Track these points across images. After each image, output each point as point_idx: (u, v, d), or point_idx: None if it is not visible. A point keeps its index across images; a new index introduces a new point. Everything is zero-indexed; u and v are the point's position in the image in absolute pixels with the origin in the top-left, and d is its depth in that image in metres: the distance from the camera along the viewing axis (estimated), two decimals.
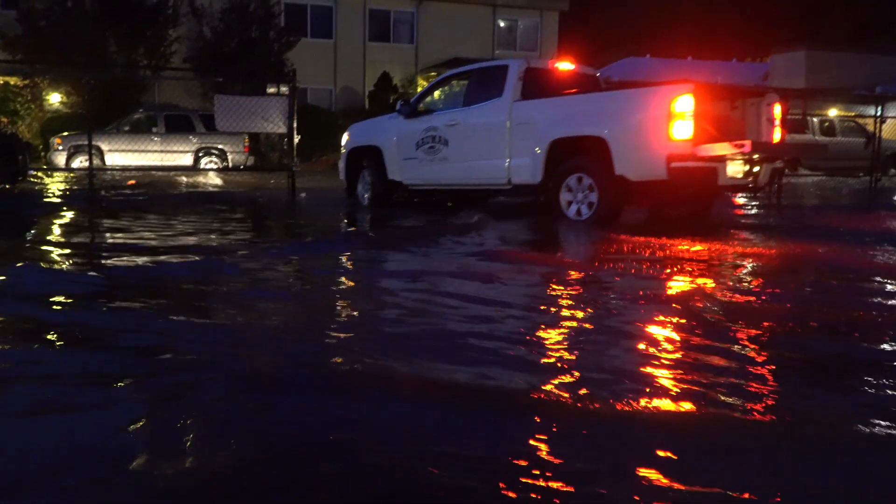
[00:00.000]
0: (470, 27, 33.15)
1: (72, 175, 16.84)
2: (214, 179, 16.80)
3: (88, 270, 5.20)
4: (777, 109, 8.44)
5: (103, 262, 5.67)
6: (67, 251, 6.30)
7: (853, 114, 26.66)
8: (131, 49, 24.53)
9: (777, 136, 8.49)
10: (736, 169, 7.88)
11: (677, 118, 7.42)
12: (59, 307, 3.95)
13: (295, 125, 12.16)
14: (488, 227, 7.98)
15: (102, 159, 18.06)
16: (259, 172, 17.92)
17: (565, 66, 9.78)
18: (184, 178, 16.71)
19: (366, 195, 10.90)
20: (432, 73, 30.58)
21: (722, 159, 7.64)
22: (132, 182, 15.20)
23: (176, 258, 5.69)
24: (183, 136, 18.99)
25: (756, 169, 8.05)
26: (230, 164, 19.24)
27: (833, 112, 27.73)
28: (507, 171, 8.96)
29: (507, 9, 34.79)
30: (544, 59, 9.93)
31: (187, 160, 19.00)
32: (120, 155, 18.27)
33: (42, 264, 5.32)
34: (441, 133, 9.68)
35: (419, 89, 30.33)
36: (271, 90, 16.91)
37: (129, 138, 18.03)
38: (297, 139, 12.59)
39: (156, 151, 18.48)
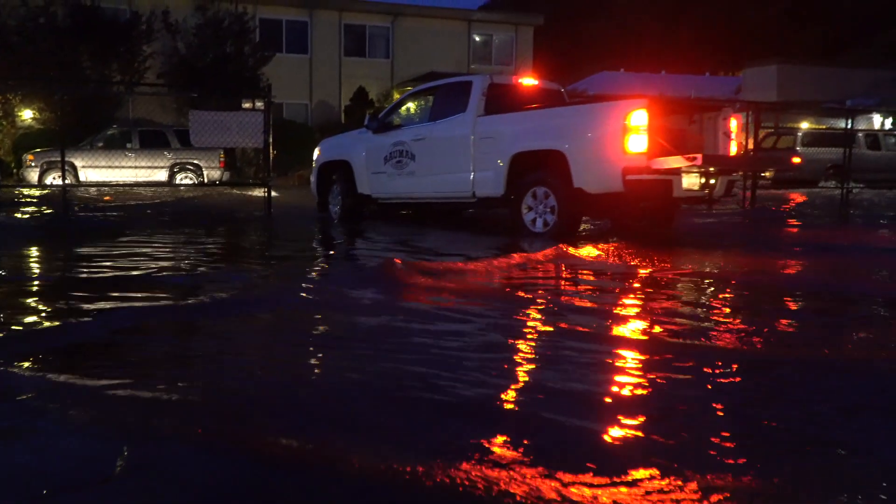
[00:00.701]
0: (445, 42, 33.29)
1: (45, 192, 16.66)
2: (190, 195, 16.69)
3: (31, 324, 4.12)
4: (733, 123, 8.69)
5: (51, 309, 4.62)
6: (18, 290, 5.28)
7: (824, 126, 27.03)
8: (105, 65, 24.38)
9: (733, 148, 8.79)
10: (692, 181, 8.08)
11: (632, 132, 7.62)
12: None
13: (270, 140, 12.12)
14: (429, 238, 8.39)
15: (76, 176, 17.93)
16: (235, 188, 17.84)
17: (529, 81, 9.99)
18: (159, 194, 16.58)
19: (336, 209, 11.14)
20: (408, 88, 30.64)
21: (677, 172, 7.83)
22: (108, 198, 15.06)
23: (141, 300, 4.78)
24: (157, 152, 18.88)
25: (712, 181, 8.26)
26: (206, 180, 19.15)
27: (805, 125, 28.11)
28: (471, 185, 9.12)
29: (482, 24, 35.00)
30: (508, 75, 10.20)
31: (162, 176, 18.88)
32: (94, 171, 18.13)
33: None
34: (408, 147, 9.87)
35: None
36: (246, 105, 16.86)
37: (103, 154, 17.89)
38: (272, 154, 12.54)
39: (130, 167, 18.37)
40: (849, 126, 15.23)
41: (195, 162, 19.27)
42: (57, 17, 24.09)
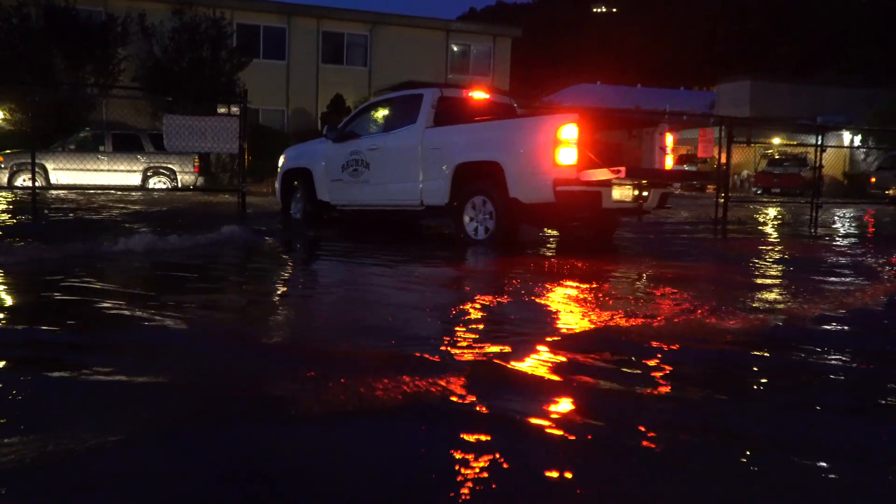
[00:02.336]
0: (423, 51, 33.35)
1: (12, 195, 16.43)
2: (163, 200, 16.54)
3: None
4: (669, 138, 9.06)
5: None
6: None
7: (795, 143, 27.39)
8: (79, 67, 24.14)
9: (669, 162, 9.17)
10: (624, 193, 8.46)
11: (563, 145, 7.94)
12: None
13: (245, 146, 12.04)
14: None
15: (47, 178, 17.70)
16: (209, 193, 17.72)
17: (480, 95, 10.24)
18: (131, 199, 16.42)
19: (297, 215, 11.56)
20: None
21: (606, 183, 8.15)
22: (82, 201, 14.86)
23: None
24: (131, 156, 18.70)
25: (645, 193, 8.60)
26: (180, 184, 19.00)
27: (777, 141, 28.47)
28: (419, 194, 9.45)
29: (460, 34, 35.12)
30: (459, 89, 10.40)
31: (135, 180, 18.71)
32: (65, 174, 17.92)
33: None
34: (363, 156, 10.23)
35: None
36: (222, 110, 16.76)
37: (75, 157, 17.70)
38: (247, 160, 12.46)
39: (103, 171, 18.16)
40: (819, 143, 15.42)
41: (169, 166, 19.12)
42: (30, 18, 23.84)
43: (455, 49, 34.83)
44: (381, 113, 10.59)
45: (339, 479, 2.19)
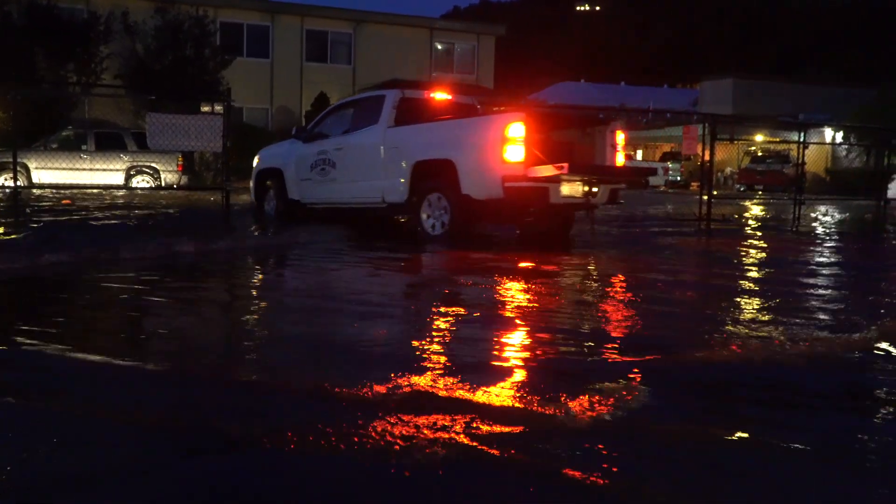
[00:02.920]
0: (407, 49, 33.33)
1: None
2: (146, 198, 16.45)
3: None
4: (619, 137, 9.44)
5: None
6: None
7: (778, 140, 27.57)
8: (61, 65, 23.95)
9: (620, 160, 9.53)
10: (574, 188, 8.80)
11: (510, 143, 8.29)
12: None
13: (229, 144, 11.98)
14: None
15: (29, 177, 17.55)
16: (193, 192, 17.62)
17: (441, 95, 10.58)
18: (115, 198, 16.33)
19: (271, 213, 11.82)
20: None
21: (554, 179, 8.46)
22: (66, 202, 14.74)
23: None
24: (114, 154, 18.56)
25: (594, 189, 8.96)
26: (163, 183, 18.89)
27: (759, 138, 28.65)
28: (381, 191, 9.77)
29: (445, 32, 35.14)
30: (421, 90, 10.64)
31: (118, 178, 18.58)
32: (47, 173, 17.77)
33: None
34: (330, 156, 10.55)
35: None
36: (205, 109, 16.68)
37: (58, 156, 17.54)
38: (231, 158, 12.40)
39: (85, 169, 18.02)
40: (801, 139, 15.54)
41: (152, 165, 19.00)
42: (11, 15, 23.63)
43: (439, 47, 34.83)
44: (347, 114, 10.91)
45: None
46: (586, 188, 8.85)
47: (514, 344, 4.15)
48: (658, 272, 7.43)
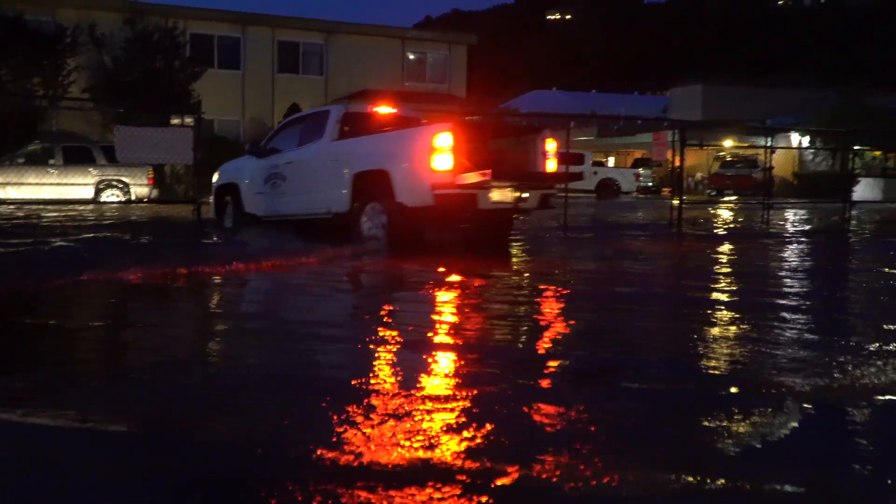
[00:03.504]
0: (380, 59, 33.35)
1: None
2: (114, 213, 16.30)
3: None
4: (550, 144, 9.80)
5: None
6: None
7: (746, 144, 27.91)
8: (27, 78, 23.67)
9: (550, 166, 9.86)
10: (504, 194, 9.15)
11: (438, 152, 8.67)
12: None
13: (200, 157, 11.91)
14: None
15: None
16: (164, 205, 17.50)
17: (386, 109, 11.00)
18: (83, 213, 16.16)
19: (229, 227, 12.01)
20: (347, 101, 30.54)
21: (482, 186, 8.76)
22: (33, 216, 14.56)
23: None
24: (82, 169, 18.39)
25: (525, 195, 9.32)
26: (133, 197, 18.73)
27: (728, 143, 28.93)
28: (327, 203, 10.08)
29: (416, 42, 35.21)
30: (364, 105, 11.42)
31: (88, 193, 18.39)
32: (14, 189, 17.53)
33: None
34: (281, 170, 10.95)
35: None
36: (175, 121, 16.58)
37: (25, 171, 17.33)
38: (202, 171, 12.34)
39: (53, 184, 17.82)
40: (768, 144, 15.76)
41: (122, 179, 18.83)
42: None
43: (411, 57, 34.89)
44: (297, 129, 11.30)
45: None
46: (517, 194, 9.21)
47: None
48: (580, 281, 7.51)
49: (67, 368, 3.88)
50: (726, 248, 11.09)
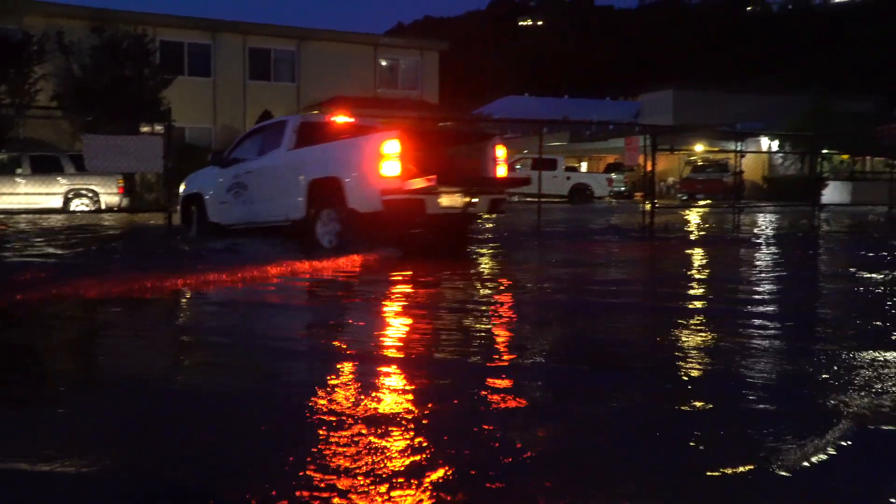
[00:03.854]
0: (352, 66, 33.29)
1: None
2: (82, 222, 16.09)
3: None
4: (500, 151, 10.12)
5: None
6: None
7: (717, 149, 28.19)
8: None
9: (501, 171, 10.13)
10: (454, 199, 9.36)
11: (386, 159, 8.89)
12: None
13: (171, 165, 11.81)
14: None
15: None
16: (134, 214, 17.32)
17: (342, 119, 11.25)
18: (51, 222, 15.93)
19: (194, 237, 12.09)
20: (314, 111, 30.47)
21: (430, 191, 8.96)
22: (2, 227, 14.34)
23: None
24: (51, 178, 18.16)
25: (475, 199, 9.54)
26: (103, 206, 18.50)
27: (699, 147, 29.24)
28: (286, 210, 10.28)
29: (388, 48, 35.20)
30: (321, 115, 12.00)
31: (57, 202, 18.16)
32: None
33: None
34: (243, 179, 11.20)
35: None
36: (145, 129, 16.44)
37: None
38: (171, 179, 12.23)
39: (21, 194, 17.57)
40: (739, 148, 15.92)
41: (92, 188, 18.61)
42: None
43: (384, 63, 34.87)
44: (257, 139, 11.54)
45: None
46: (466, 198, 9.40)
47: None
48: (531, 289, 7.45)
49: None
50: (698, 251, 11.17)
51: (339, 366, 4.07)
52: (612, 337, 5.05)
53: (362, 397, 3.35)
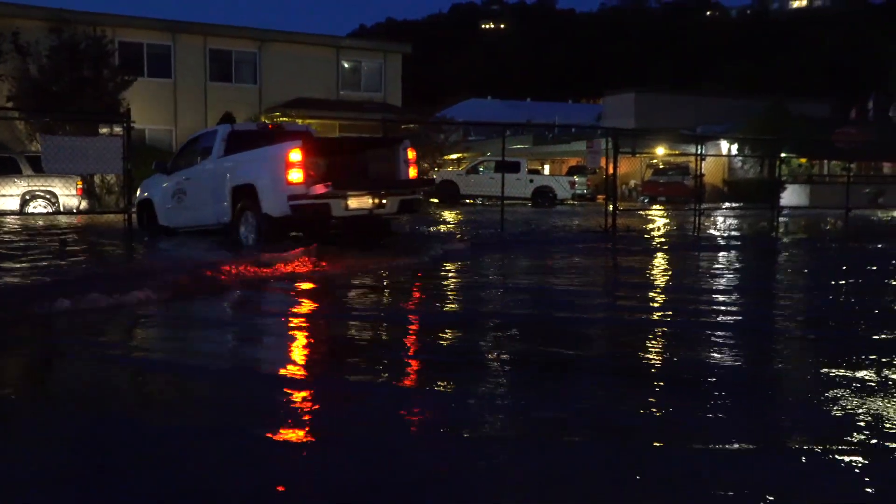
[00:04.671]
0: (314, 68, 33.09)
1: None
2: (39, 225, 15.80)
3: None
4: (410, 154, 10.85)
5: None
6: None
7: (678, 152, 28.53)
8: None
9: (411, 173, 10.87)
10: (363, 202, 10.07)
11: (291, 167, 9.65)
12: None
13: (130, 167, 11.65)
14: None
15: None
16: (93, 216, 17.02)
17: (270, 125, 12.56)
18: (9, 226, 15.62)
19: (147, 239, 12.83)
20: (277, 113, 30.29)
21: (333, 195, 9.72)
22: None
23: None
24: (7, 179, 17.76)
25: (384, 202, 10.25)
26: (62, 208, 18.16)
27: (661, 151, 29.56)
28: (217, 214, 11.08)
29: (351, 51, 35.06)
30: (252, 123, 13.15)
31: (13, 204, 17.77)
32: None
33: None
34: (183, 186, 12.03)
35: None
36: (104, 131, 16.18)
37: None
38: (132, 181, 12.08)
39: None
40: (700, 151, 16.13)
41: (50, 189, 18.24)
42: None
43: (346, 66, 34.73)
44: (196, 148, 12.31)
45: None
46: (375, 200, 10.11)
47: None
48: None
49: None
50: (660, 255, 11.29)
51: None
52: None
53: None
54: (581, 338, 5.21)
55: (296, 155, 9.61)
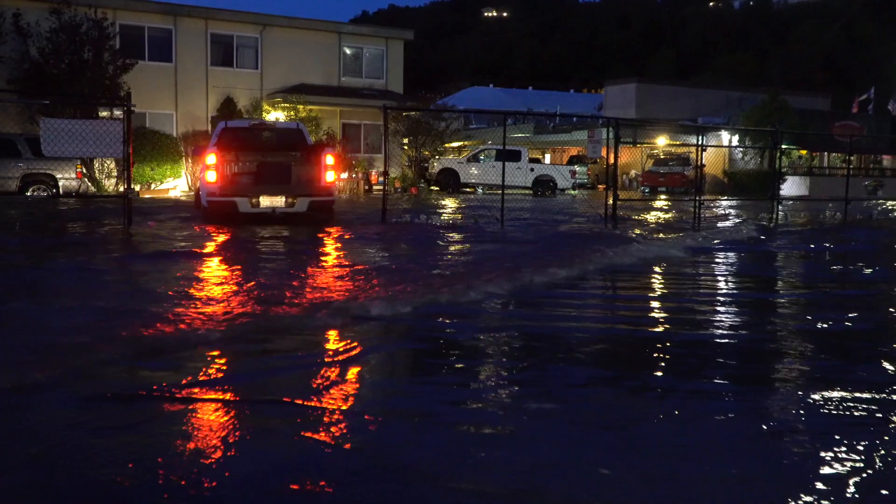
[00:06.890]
0: (316, 54, 32.95)
1: None
2: (37, 209, 15.78)
3: None
4: (329, 159, 12.45)
5: None
6: None
7: (679, 143, 28.50)
8: None
9: (329, 177, 12.44)
10: (275, 201, 12.04)
11: (208, 169, 11.89)
12: None
13: (130, 150, 11.62)
14: None
15: None
16: (93, 200, 16.98)
17: (264, 122, 14.35)
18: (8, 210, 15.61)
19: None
20: (278, 99, 30.25)
21: (239, 195, 11.88)
22: None
23: None
24: (6, 162, 17.74)
25: (292, 201, 12.16)
26: (61, 192, 18.14)
27: (662, 141, 29.53)
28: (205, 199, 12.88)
29: (353, 36, 34.91)
30: (246, 120, 15.36)
31: (12, 187, 17.74)
32: None
33: None
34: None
35: (264, 114, 29.83)
36: (104, 114, 16.12)
37: None
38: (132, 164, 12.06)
39: None
40: (700, 142, 16.10)
41: (49, 173, 18.22)
42: None
43: (348, 52, 34.59)
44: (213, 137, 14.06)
45: None
46: (288, 199, 12.07)
47: None
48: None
49: None
50: (658, 245, 11.28)
51: None
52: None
53: None
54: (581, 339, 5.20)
55: (210, 159, 11.71)
